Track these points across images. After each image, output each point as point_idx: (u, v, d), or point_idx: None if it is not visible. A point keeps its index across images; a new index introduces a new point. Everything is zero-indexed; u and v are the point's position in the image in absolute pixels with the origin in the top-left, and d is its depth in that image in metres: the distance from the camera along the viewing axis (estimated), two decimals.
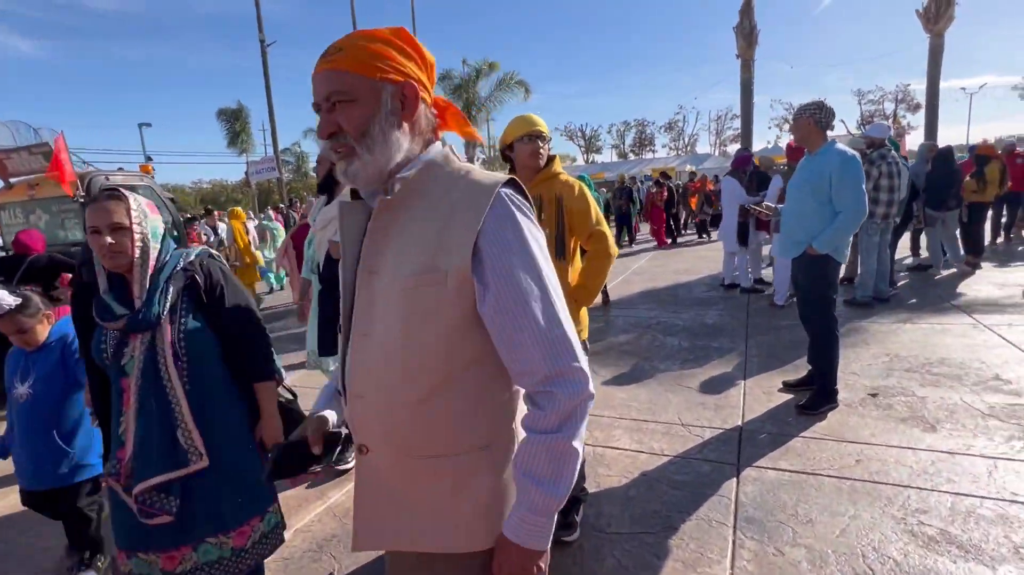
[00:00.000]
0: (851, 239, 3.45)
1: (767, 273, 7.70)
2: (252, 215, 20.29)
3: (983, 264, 7.38)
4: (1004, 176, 7.35)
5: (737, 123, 56.01)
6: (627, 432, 3.40)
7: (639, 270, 9.53)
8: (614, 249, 2.31)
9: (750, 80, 17.13)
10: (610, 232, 2.35)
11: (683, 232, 14.54)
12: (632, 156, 51.12)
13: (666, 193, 12.96)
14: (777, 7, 77.62)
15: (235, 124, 33.76)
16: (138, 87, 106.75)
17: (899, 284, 6.55)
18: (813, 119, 3.31)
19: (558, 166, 2.33)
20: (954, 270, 7.18)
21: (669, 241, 12.87)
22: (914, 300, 6.03)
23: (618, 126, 53.41)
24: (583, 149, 53.31)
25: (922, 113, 16.96)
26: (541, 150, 2.24)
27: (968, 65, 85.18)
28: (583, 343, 2.36)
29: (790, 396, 3.74)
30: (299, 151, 35.87)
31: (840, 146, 3.28)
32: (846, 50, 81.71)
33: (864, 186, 3.23)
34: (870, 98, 40.30)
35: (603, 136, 54.91)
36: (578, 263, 2.40)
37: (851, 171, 3.19)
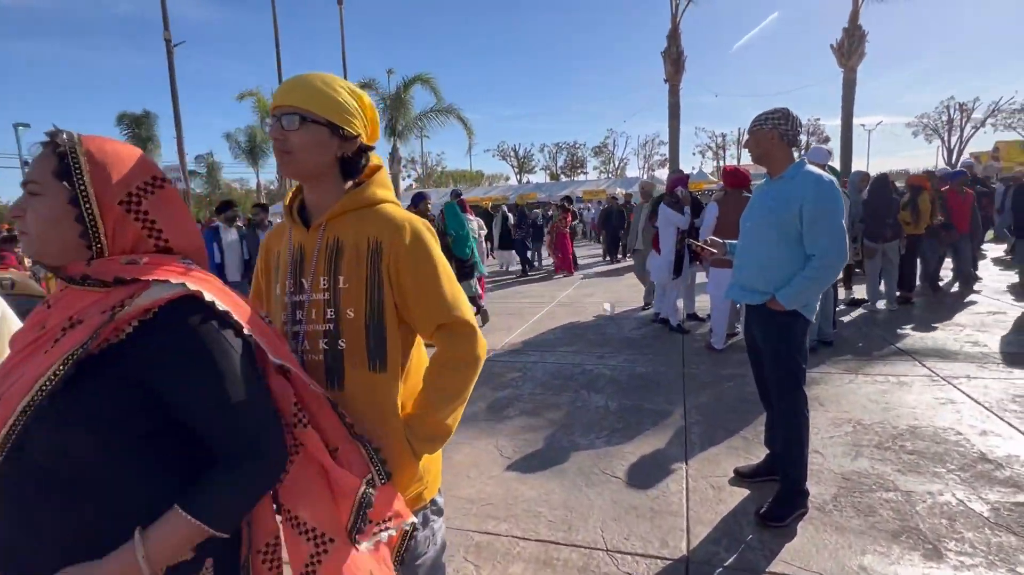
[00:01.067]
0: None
1: (702, 306, 7.05)
2: None
3: (914, 300, 7.06)
4: (934, 207, 7.09)
5: (664, 149, 58.02)
6: (530, 567, 2.37)
7: (565, 300, 8.69)
8: (482, 350, 1.28)
9: (677, 104, 17.10)
10: (475, 321, 1.29)
11: (627, 255, 13.93)
12: (564, 177, 51.50)
13: (570, 218, 12.43)
14: (702, 37, 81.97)
15: (139, 130, 30.89)
16: (30, 86, 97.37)
17: (836, 324, 6.02)
18: (777, 131, 2.48)
19: (382, 186, 1.25)
20: (886, 307, 6.78)
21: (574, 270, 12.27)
22: (860, 344, 5.46)
23: (550, 147, 53.81)
24: (516, 169, 53.18)
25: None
26: (293, 139, 1.13)
27: (862, 104, 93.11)
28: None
29: (745, 492, 2.86)
30: (212, 161, 33.08)
31: (812, 168, 2.46)
32: (764, 83, 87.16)
33: (844, 222, 2.41)
34: None
35: (536, 156, 55.16)
36: (418, 372, 1.32)
37: (828, 201, 2.36)
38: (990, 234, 11.60)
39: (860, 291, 7.34)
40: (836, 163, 20.74)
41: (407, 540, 1.20)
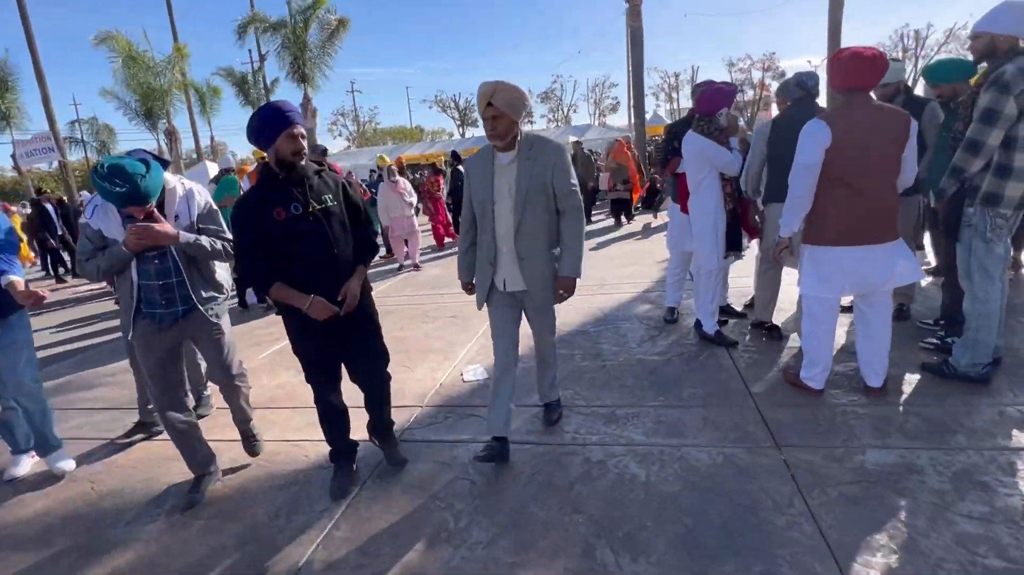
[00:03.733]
0: None
1: (737, 289, 4.70)
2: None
3: None
4: None
5: (616, 91, 55.30)
6: None
7: None
8: None
9: (640, 30, 14.39)
10: None
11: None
12: None
13: (441, 181, 10.19)
14: None
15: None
16: None
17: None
18: None
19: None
20: None
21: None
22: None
23: None
24: (458, 122, 49.35)
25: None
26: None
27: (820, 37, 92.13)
28: None
29: None
30: (101, 126, 27.99)
31: None
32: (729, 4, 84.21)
33: None
34: (740, 67, 40.49)
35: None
36: None
37: None
38: None
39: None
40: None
41: None
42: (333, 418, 2.65)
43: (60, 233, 12.19)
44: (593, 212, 12.38)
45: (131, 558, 2.35)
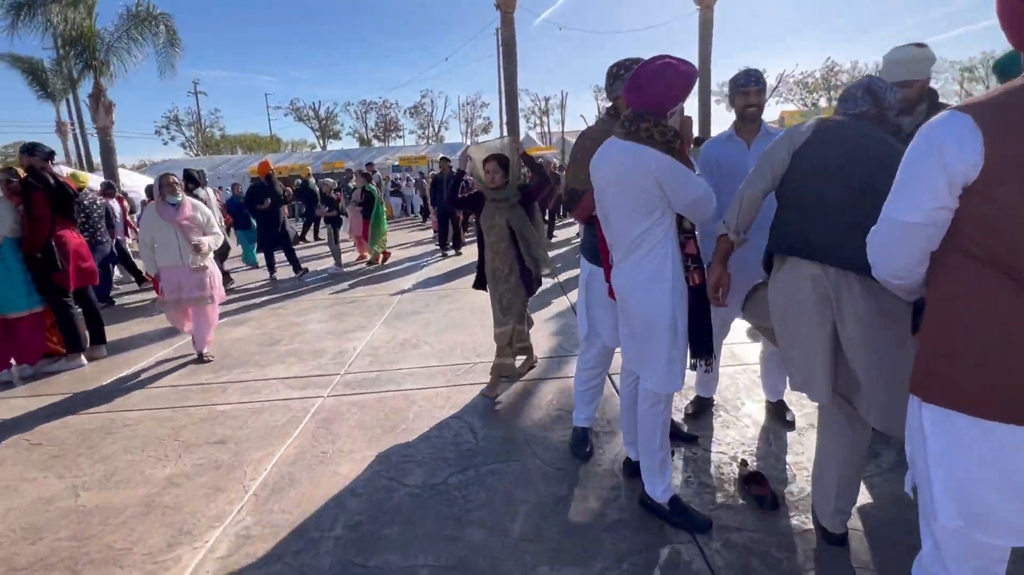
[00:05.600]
0: None
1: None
2: None
3: None
4: None
5: (487, 112, 54.79)
6: None
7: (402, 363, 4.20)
8: None
9: (512, 39, 13.06)
10: None
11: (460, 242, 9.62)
12: (377, 143, 45.36)
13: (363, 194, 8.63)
14: None
15: None
16: None
17: None
18: None
19: None
20: None
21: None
22: None
23: (357, 107, 46.87)
24: (318, 133, 45.42)
25: None
26: None
27: None
28: None
29: None
30: None
31: None
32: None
33: None
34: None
35: (342, 119, 47.96)
36: None
37: None
38: None
39: None
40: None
41: None
42: None
43: None
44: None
45: None
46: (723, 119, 33.00)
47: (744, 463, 2.46)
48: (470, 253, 9.59)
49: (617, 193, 1.96)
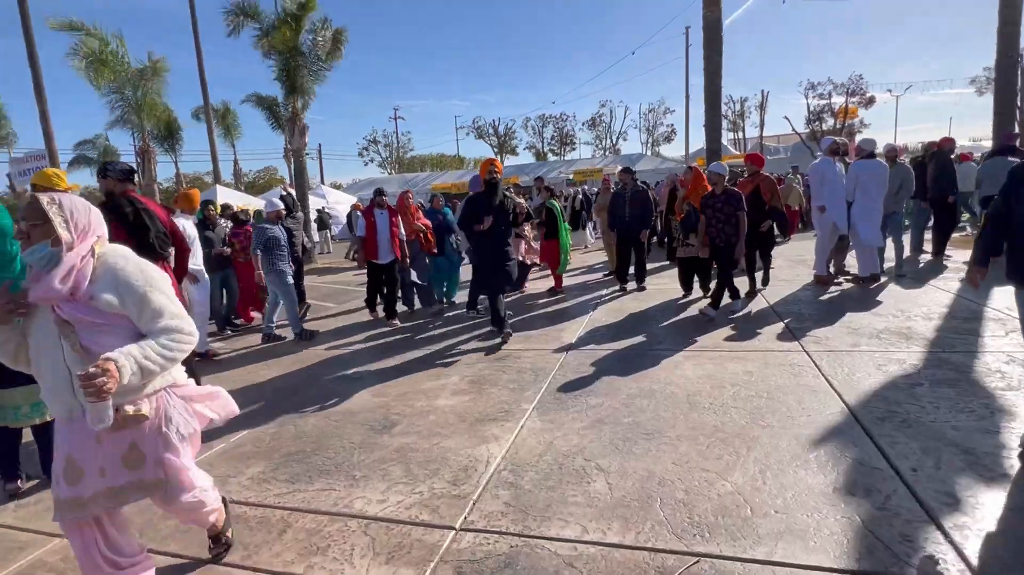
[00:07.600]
0: None
1: None
2: None
3: None
4: None
5: (672, 118, 51.16)
6: None
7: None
8: None
9: (718, 23, 10.66)
10: None
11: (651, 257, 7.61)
12: (552, 156, 44.91)
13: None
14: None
15: None
16: None
17: None
18: None
19: None
20: None
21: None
22: None
23: (534, 122, 46.93)
24: (496, 148, 46.44)
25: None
26: None
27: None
28: None
29: None
30: (106, 144, 26.12)
31: None
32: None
33: None
34: (820, 91, 35.91)
35: (519, 134, 48.47)
36: None
37: None
38: None
39: None
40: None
41: None
42: None
43: None
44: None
45: None
46: None
47: None
48: (656, 287, 7.46)
49: None
